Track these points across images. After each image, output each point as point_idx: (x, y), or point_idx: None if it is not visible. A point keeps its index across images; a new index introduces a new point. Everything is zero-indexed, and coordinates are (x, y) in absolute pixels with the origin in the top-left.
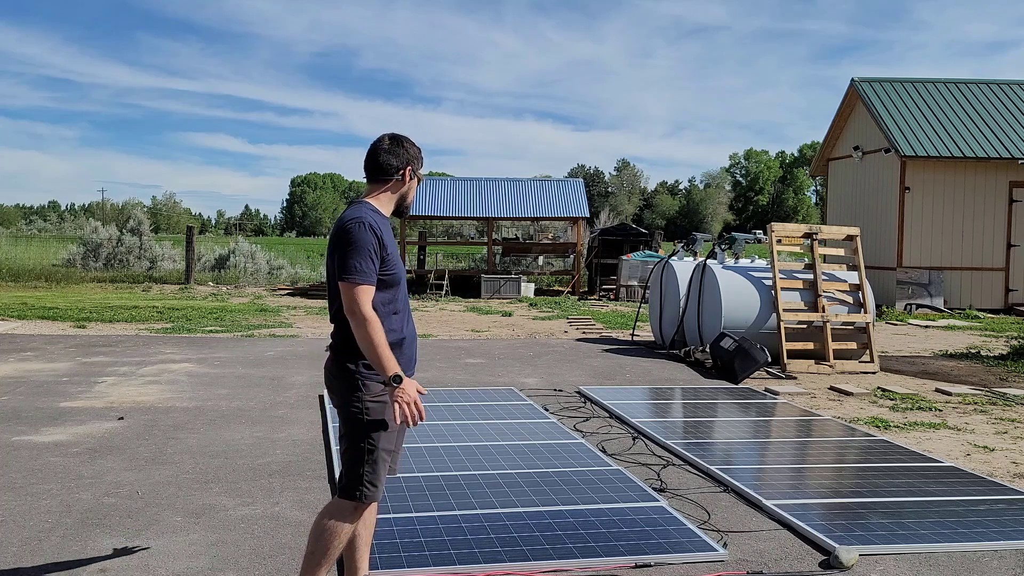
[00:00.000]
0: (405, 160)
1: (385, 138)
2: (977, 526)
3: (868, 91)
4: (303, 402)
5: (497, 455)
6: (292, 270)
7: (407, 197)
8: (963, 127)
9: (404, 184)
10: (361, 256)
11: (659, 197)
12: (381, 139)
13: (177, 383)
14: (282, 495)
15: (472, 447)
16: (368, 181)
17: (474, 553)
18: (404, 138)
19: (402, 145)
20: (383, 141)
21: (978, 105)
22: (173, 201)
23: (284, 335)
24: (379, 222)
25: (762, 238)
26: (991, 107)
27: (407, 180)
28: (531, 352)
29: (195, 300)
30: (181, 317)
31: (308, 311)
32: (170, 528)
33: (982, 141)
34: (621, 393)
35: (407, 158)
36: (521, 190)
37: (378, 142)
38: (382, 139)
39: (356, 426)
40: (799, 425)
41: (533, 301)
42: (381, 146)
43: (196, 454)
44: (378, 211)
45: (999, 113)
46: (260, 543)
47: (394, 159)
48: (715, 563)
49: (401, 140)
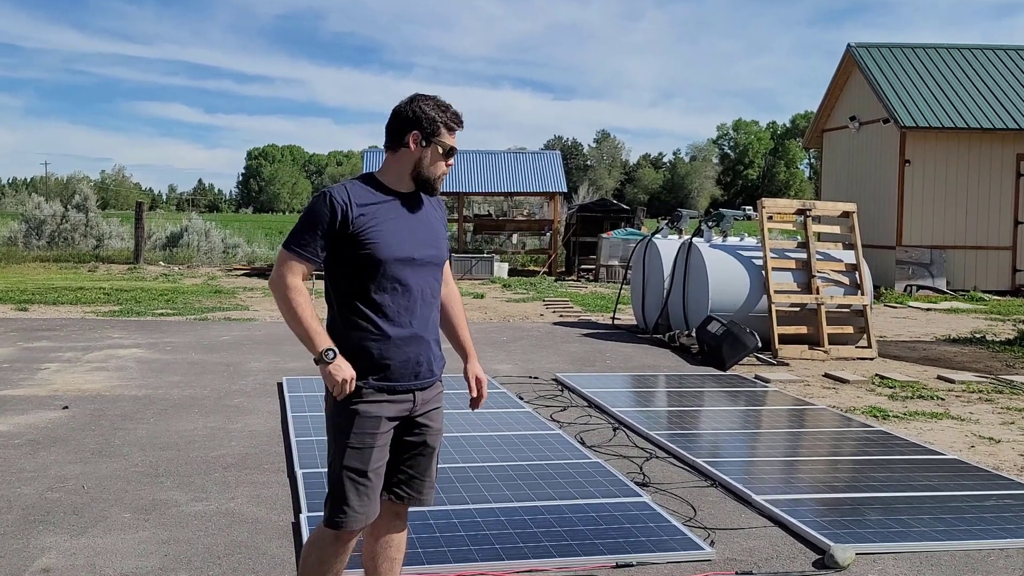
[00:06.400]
0: (412, 123)
1: (404, 99)
2: (981, 523)
3: (865, 57)
4: (261, 390)
5: (468, 447)
6: (249, 249)
7: (422, 168)
8: (967, 95)
9: (412, 152)
10: (303, 228)
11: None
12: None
13: (125, 370)
14: (238, 490)
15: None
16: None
17: (443, 552)
18: (422, 97)
19: (413, 105)
20: (401, 102)
21: (983, 72)
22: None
23: (240, 319)
24: (353, 196)
25: (752, 215)
26: (997, 74)
27: (413, 147)
28: (504, 336)
29: (145, 281)
30: (130, 299)
31: (266, 293)
32: (118, 525)
33: (987, 111)
34: (601, 380)
35: (414, 121)
36: (494, 163)
37: (397, 104)
38: (402, 100)
39: (328, 432)
40: (791, 415)
41: (507, 282)
42: (395, 108)
43: (146, 446)
44: (367, 184)
45: (1006, 81)
46: (214, 541)
47: (400, 123)
48: (701, 563)
49: (416, 99)
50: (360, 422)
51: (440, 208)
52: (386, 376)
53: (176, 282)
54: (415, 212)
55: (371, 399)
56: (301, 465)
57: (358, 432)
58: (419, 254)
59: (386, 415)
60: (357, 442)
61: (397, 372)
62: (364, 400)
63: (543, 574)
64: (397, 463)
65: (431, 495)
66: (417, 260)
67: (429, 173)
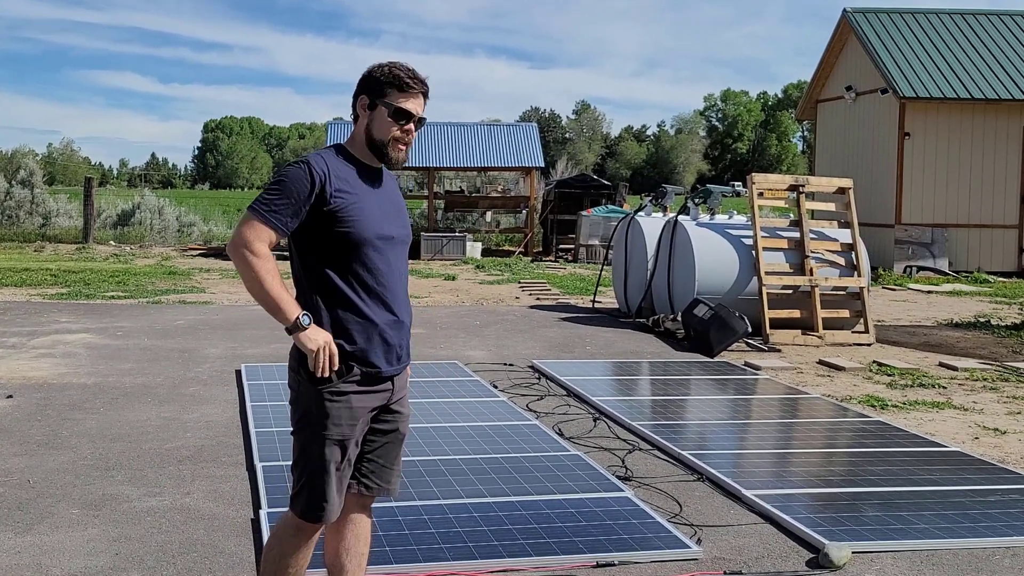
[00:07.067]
0: (360, 88)
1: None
2: (986, 519)
3: (863, 23)
4: (218, 378)
5: (438, 438)
6: (205, 228)
7: (371, 134)
8: (971, 64)
9: (362, 119)
10: (276, 194)
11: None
12: None
13: (74, 356)
14: (193, 484)
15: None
16: None
17: (412, 551)
18: (376, 64)
19: (366, 71)
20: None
21: (988, 39)
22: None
23: (196, 302)
24: (332, 169)
25: (741, 191)
26: (1003, 41)
27: (362, 113)
28: (478, 321)
29: (95, 262)
30: (79, 281)
31: (223, 274)
32: (66, 522)
33: (993, 80)
34: (580, 368)
35: (361, 85)
36: (467, 136)
37: None
38: None
39: (301, 422)
40: (783, 404)
41: (480, 263)
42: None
43: (95, 437)
44: (341, 156)
45: (1012, 48)
46: (168, 539)
47: (354, 92)
48: (687, 562)
49: (372, 66)
50: (341, 413)
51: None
52: (372, 365)
53: (128, 263)
54: (386, 188)
55: (354, 389)
56: (261, 458)
57: (338, 424)
58: (396, 232)
59: (368, 406)
60: (337, 434)
61: (382, 360)
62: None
63: (518, 574)
64: (370, 453)
65: (398, 484)
66: (395, 238)
67: (379, 137)
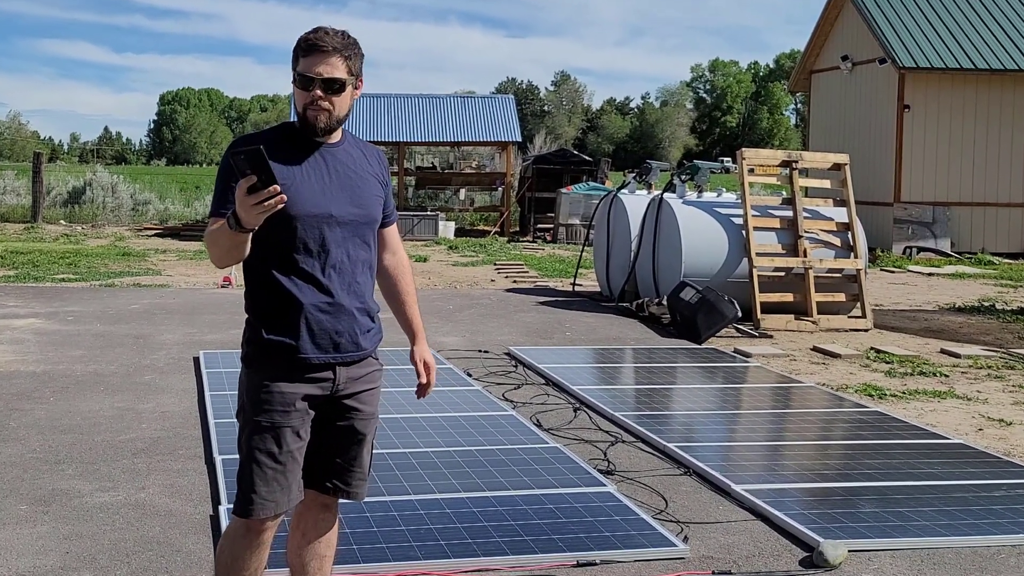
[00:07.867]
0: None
1: None
2: (991, 516)
3: None
4: (175, 366)
5: (409, 430)
6: (161, 206)
7: (297, 108)
8: (975, 33)
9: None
10: (219, 190)
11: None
12: None
13: (21, 343)
14: (149, 478)
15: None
16: None
17: (381, 549)
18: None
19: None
20: None
21: (992, 6)
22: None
23: (152, 284)
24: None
25: (731, 167)
26: (1009, 8)
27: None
28: (451, 305)
29: (44, 242)
30: (27, 263)
31: (181, 255)
32: (13, 518)
33: (997, 49)
34: (560, 355)
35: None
36: (439, 109)
37: None
38: None
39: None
40: (775, 394)
41: (453, 243)
42: None
43: (45, 429)
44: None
45: (1018, 15)
46: (122, 536)
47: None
48: (673, 561)
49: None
50: (270, 398)
51: (377, 163)
52: (299, 348)
53: (79, 243)
54: (340, 166)
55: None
56: (220, 451)
57: (268, 409)
58: (340, 212)
59: (301, 393)
60: (266, 420)
61: (310, 344)
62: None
63: (495, 573)
64: (323, 450)
65: (362, 488)
66: (337, 218)
67: (299, 110)
